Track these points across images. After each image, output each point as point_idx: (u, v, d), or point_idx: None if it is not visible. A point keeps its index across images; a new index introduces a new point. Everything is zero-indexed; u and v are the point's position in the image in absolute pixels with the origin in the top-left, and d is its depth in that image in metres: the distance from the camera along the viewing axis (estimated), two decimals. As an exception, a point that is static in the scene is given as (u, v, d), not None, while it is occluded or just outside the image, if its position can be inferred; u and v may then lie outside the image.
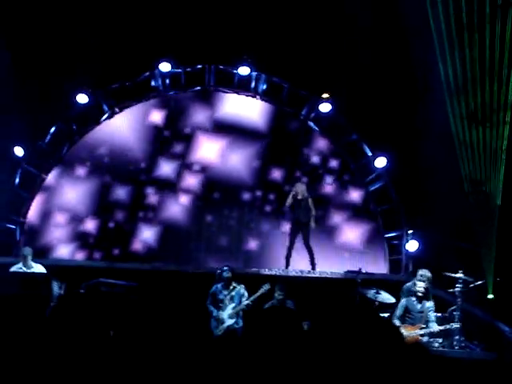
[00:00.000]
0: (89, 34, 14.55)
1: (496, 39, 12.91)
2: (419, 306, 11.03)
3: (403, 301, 11.14)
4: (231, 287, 11.58)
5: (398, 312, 11.03)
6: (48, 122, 15.33)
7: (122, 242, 15.52)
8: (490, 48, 13.00)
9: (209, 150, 15.92)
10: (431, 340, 10.92)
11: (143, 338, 3.55)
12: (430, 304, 11.13)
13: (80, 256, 15.37)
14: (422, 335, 10.76)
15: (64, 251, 15.36)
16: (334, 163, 15.92)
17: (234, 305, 11.49)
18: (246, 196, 15.77)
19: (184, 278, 13.27)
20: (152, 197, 15.73)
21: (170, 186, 15.77)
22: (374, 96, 14.51)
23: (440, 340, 10.98)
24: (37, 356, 3.41)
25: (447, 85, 13.59)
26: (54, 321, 3.57)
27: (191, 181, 15.77)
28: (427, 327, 10.85)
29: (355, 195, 15.77)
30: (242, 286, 11.67)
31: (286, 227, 15.16)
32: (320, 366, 2.94)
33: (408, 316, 10.96)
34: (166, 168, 15.79)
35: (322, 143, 15.93)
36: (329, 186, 15.77)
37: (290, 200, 14.12)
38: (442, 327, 10.89)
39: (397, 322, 10.78)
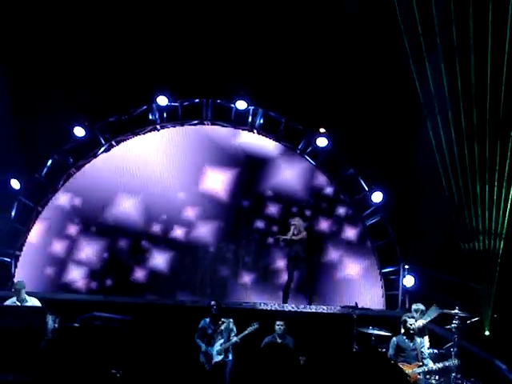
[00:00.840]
0: (86, 67, 14.65)
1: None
2: (411, 344, 10.89)
3: (394, 339, 11.00)
4: (220, 322, 11.57)
5: (390, 351, 10.87)
6: (44, 154, 15.34)
7: (121, 272, 15.48)
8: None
9: (214, 181, 15.93)
10: (428, 377, 10.81)
11: (137, 373, 3.53)
12: (421, 340, 11.02)
13: (80, 285, 15.34)
14: (419, 373, 10.64)
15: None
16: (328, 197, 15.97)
17: (222, 341, 11.45)
18: (243, 230, 15.76)
19: (180, 311, 13.22)
20: (155, 226, 15.74)
21: (169, 218, 15.80)
22: (370, 131, 14.60)
23: (437, 377, 10.87)
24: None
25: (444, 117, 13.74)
26: (49, 355, 3.54)
27: (191, 212, 15.76)
28: (424, 365, 10.73)
29: (352, 230, 15.77)
30: (231, 320, 11.64)
31: (281, 263, 15.19)
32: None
33: (401, 355, 10.81)
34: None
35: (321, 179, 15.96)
36: (325, 223, 15.78)
37: (290, 234, 14.14)
38: (440, 364, 10.77)
39: None
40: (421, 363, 10.72)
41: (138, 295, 15.07)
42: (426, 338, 11.39)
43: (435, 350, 11.39)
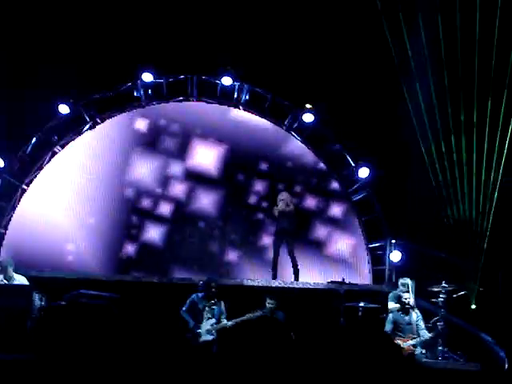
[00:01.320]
0: (70, 43, 14.50)
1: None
2: (407, 318, 10.99)
3: (390, 315, 11.10)
4: (212, 301, 11.47)
5: (388, 327, 10.97)
6: (29, 132, 15.19)
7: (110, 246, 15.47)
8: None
9: (203, 157, 15.89)
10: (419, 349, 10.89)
11: (124, 350, 3.49)
12: (417, 314, 11.11)
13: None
14: (414, 346, 10.73)
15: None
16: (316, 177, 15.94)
17: (213, 321, 11.33)
18: (229, 207, 15.73)
19: (166, 288, 13.20)
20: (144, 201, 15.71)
21: (154, 194, 15.77)
22: (357, 106, 14.57)
23: (423, 351, 10.95)
24: (19, 367, 3.37)
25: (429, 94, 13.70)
26: (36, 333, 3.53)
27: (178, 188, 15.73)
28: (418, 336, 10.83)
29: (338, 206, 15.76)
30: (222, 302, 11.54)
31: (265, 240, 15.21)
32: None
33: (398, 329, 10.93)
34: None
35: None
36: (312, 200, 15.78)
37: (276, 209, 14.12)
38: (431, 334, 10.89)
39: None
40: (415, 335, 10.81)
41: (127, 270, 15.10)
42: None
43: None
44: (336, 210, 15.74)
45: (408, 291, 11.28)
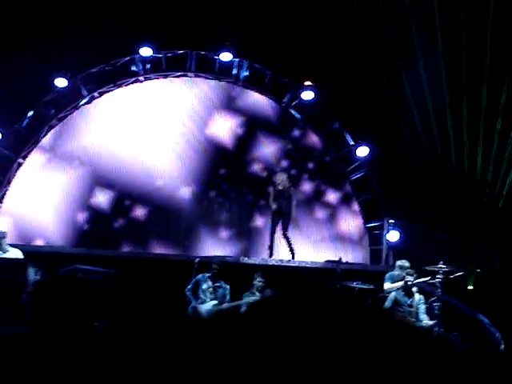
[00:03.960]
0: (69, 16, 14.33)
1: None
2: (408, 300, 10.94)
3: (393, 293, 11.05)
4: (217, 283, 11.42)
5: (387, 304, 10.92)
6: (26, 105, 15.05)
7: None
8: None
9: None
10: None
11: (119, 326, 3.43)
12: (419, 297, 11.04)
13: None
14: None
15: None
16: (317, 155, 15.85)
17: (215, 302, 11.27)
18: (225, 185, 15.65)
19: (163, 265, 13.14)
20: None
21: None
22: (357, 84, 14.44)
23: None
24: (12, 341, 3.31)
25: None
26: (30, 307, 3.47)
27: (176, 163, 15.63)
28: (418, 321, 10.78)
29: (341, 186, 15.68)
30: (228, 286, 11.47)
31: (259, 221, 15.13)
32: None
33: (399, 309, 10.88)
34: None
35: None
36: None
37: (271, 190, 14.00)
38: (432, 322, 10.82)
39: None
40: (414, 319, 10.76)
41: (116, 244, 15.04)
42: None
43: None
44: (339, 190, 15.67)
45: (412, 274, 11.17)
